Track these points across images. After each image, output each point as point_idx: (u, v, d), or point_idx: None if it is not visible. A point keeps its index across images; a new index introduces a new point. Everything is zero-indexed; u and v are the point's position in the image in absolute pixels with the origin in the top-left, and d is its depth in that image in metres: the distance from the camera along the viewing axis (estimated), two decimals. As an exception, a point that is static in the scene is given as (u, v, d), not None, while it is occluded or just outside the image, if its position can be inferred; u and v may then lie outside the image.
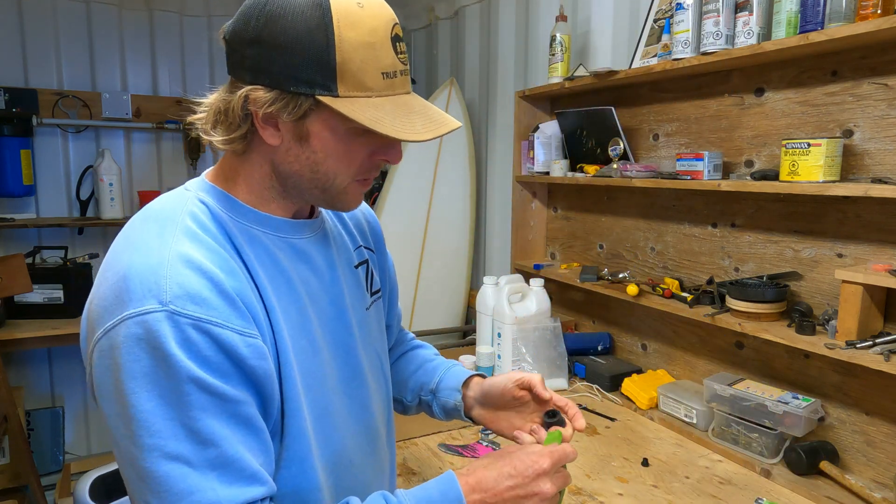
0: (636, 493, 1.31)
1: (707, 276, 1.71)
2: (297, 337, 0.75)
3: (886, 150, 1.29)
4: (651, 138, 1.88)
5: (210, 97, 0.75)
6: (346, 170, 0.74)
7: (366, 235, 0.98)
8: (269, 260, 0.75)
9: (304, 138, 0.72)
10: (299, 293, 0.77)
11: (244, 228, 0.74)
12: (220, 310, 0.64)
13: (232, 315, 0.65)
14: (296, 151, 0.73)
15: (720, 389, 1.49)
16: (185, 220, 0.70)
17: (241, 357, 0.65)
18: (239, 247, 0.73)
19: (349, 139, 0.72)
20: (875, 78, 1.30)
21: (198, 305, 0.63)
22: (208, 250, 0.68)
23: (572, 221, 2.26)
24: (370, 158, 0.75)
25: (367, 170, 0.76)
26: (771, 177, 1.41)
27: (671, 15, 1.62)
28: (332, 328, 0.82)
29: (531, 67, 2.47)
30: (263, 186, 0.76)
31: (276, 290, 0.74)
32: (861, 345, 1.21)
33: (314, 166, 0.73)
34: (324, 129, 0.71)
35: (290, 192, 0.77)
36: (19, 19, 2.77)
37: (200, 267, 0.65)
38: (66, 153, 2.95)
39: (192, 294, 0.63)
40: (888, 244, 1.30)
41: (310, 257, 0.80)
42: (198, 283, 0.64)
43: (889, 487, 1.27)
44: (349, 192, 0.77)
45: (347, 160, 0.73)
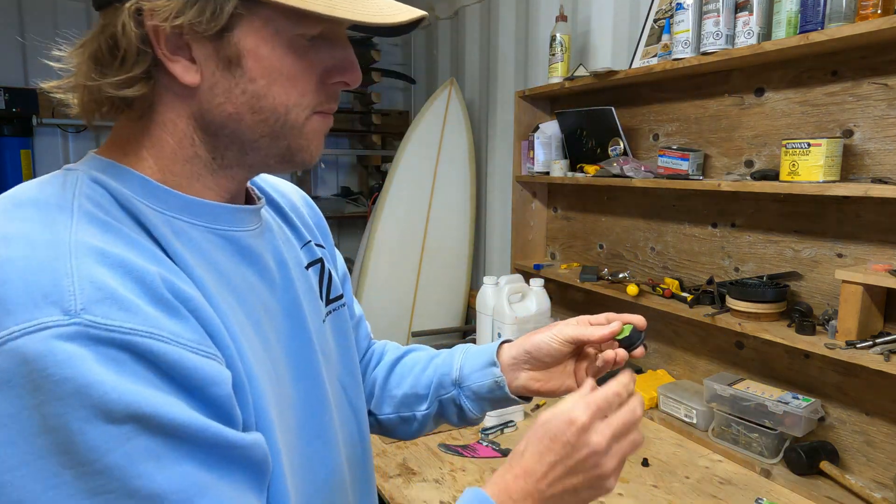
0: (636, 493, 1.31)
1: (707, 276, 1.71)
2: (261, 366, 0.54)
3: (886, 150, 1.29)
4: (651, 138, 1.88)
5: (71, 49, 0.53)
6: (299, 97, 0.54)
7: (311, 228, 0.76)
8: (205, 262, 0.53)
9: (233, 63, 0.51)
10: (251, 304, 0.56)
11: (165, 219, 0.52)
12: (157, 319, 0.44)
13: (178, 326, 0.45)
14: (225, 85, 0.52)
15: (720, 389, 1.49)
16: (81, 201, 0.48)
17: (199, 384, 0.45)
18: (164, 243, 0.50)
19: (296, 53, 0.53)
20: (875, 78, 1.30)
21: (125, 312, 0.42)
22: (127, 242, 0.47)
23: (572, 221, 2.26)
24: (324, 82, 0.56)
25: (324, 98, 0.56)
26: (771, 177, 1.41)
27: (671, 15, 1.62)
28: (292, 348, 0.61)
29: (531, 67, 2.47)
30: (183, 156, 0.54)
31: (226, 302, 0.53)
32: (861, 345, 1.21)
33: (255, 101, 0.52)
34: (260, 43, 0.51)
35: (225, 158, 0.56)
36: (19, 19, 2.77)
37: (123, 263, 0.45)
38: (66, 153, 2.95)
39: (114, 297, 0.42)
40: (888, 244, 1.30)
41: (256, 256, 0.59)
42: (119, 283, 0.43)
43: (889, 487, 1.27)
44: (309, 132, 0.56)
45: (298, 83, 0.54)
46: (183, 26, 0.48)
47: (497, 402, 0.78)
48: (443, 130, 2.66)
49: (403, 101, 3.68)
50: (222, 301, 0.52)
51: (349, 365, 0.74)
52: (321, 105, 0.56)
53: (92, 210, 0.48)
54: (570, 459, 0.57)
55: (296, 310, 0.63)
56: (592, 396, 0.59)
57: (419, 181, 2.65)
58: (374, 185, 3.53)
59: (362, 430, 0.75)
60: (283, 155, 0.57)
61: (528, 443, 0.60)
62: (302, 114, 0.55)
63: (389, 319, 2.61)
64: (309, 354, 0.64)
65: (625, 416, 0.59)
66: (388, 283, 2.60)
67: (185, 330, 0.45)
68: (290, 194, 0.77)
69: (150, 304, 0.44)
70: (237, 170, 0.57)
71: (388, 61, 3.49)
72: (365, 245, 2.62)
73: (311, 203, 0.81)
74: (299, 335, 0.63)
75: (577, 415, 0.57)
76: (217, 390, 0.46)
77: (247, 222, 0.59)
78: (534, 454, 0.59)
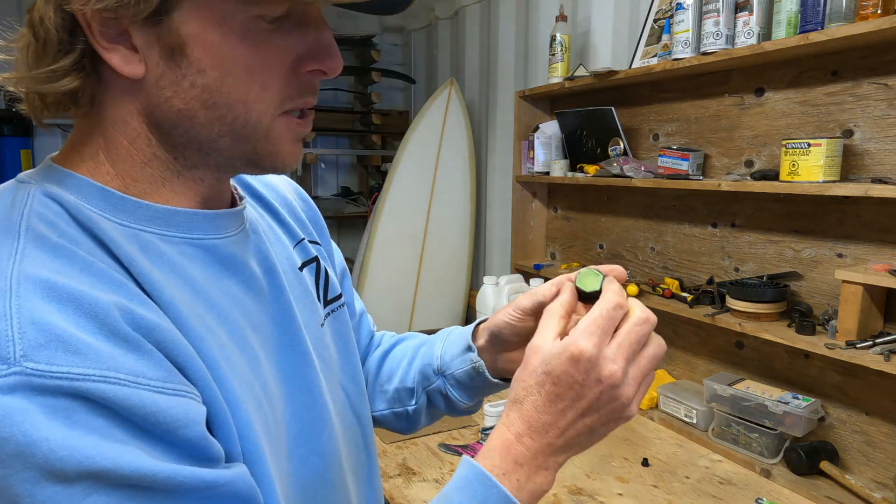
0: (636, 493, 1.31)
1: (707, 276, 1.71)
2: (248, 390, 0.49)
3: (886, 150, 1.29)
4: (651, 138, 1.88)
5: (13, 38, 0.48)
6: (259, 91, 0.46)
7: (305, 224, 0.70)
8: (178, 278, 0.47)
9: (176, 52, 0.44)
10: (234, 320, 0.51)
11: (131, 233, 0.46)
12: (113, 358, 0.38)
13: (138, 364, 0.39)
14: (171, 78, 0.45)
15: (720, 389, 1.49)
16: (31, 221, 0.42)
17: (167, 427, 0.40)
18: (127, 262, 0.44)
19: (253, 39, 0.44)
20: (875, 78, 1.30)
21: (74, 355, 0.37)
22: (81, 268, 0.41)
23: (572, 221, 2.26)
24: (296, 72, 0.47)
25: (296, 91, 0.48)
26: (771, 177, 1.41)
27: (671, 15, 1.62)
28: (284, 362, 0.56)
29: (531, 67, 2.47)
30: (141, 158, 0.48)
31: (202, 322, 0.47)
32: (861, 345, 1.21)
33: (207, 96, 0.45)
34: (207, 29, 0.43)
35: (188, 159, 0.49)
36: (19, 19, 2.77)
37: (72, 296, 0.39)
38: (66, 153, 2.96)
39: (61, 338, 0.37)
40: (888, 244, 1.30)
41: (238, 265, 0.53)
42: (67, 321, 0.38)
43: (889, 487, 1.27)
44: (278, 135, 0.48)
45: (259, 74, 0.45)
46: (110, 10, 0.41)
47: (482, 388, 0.69)
48: (443, 130, 2.66)
49: (403, 101, 3.68)
50: (198, 323, 0.46)
51: (351, 369, 0.68)
52: (292, 101, 0.48)
53: (43, 232, 0.42)
54: (582, 401, 0.48)
55: (287, 319, 0.57)
56: (591, 319, 0.49)
57: (419, 181, 2.65)
58: (374, 185, 3.53)
59: (367, 436, 0.70)
60: (250, 159, 0.49)
61: (527, 391, 0.50)
62: (267, 112, 0.47)
63: (389, 319, 2.61)
64: (304, 367, 0.58)
65: (635, 329, 0.50)
66: (388, 284, 2.60)
67: (148, 367, 0.40)
68: (280, 187, 0.71)
69: (106, 341, 0.39)
70: (204, 171, 0.50)
71: (388, 61, 3.49)
72: (365, 245, 2.62)
73: (304, 196, 0.74)
74: (293, 347, 0.57)
75: (580, 348, 0.47)
76: (188, 432, 0.41)
77: (225, 228, 0.53)
78: (536, 405, 0.49)
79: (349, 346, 0.69)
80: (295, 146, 0.50)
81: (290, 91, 0.48)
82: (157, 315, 0.43)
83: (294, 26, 0.46)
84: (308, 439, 0.57)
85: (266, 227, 0.62)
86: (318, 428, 0.58)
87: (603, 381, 0.48)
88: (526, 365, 0.51)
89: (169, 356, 0.42)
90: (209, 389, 0.45)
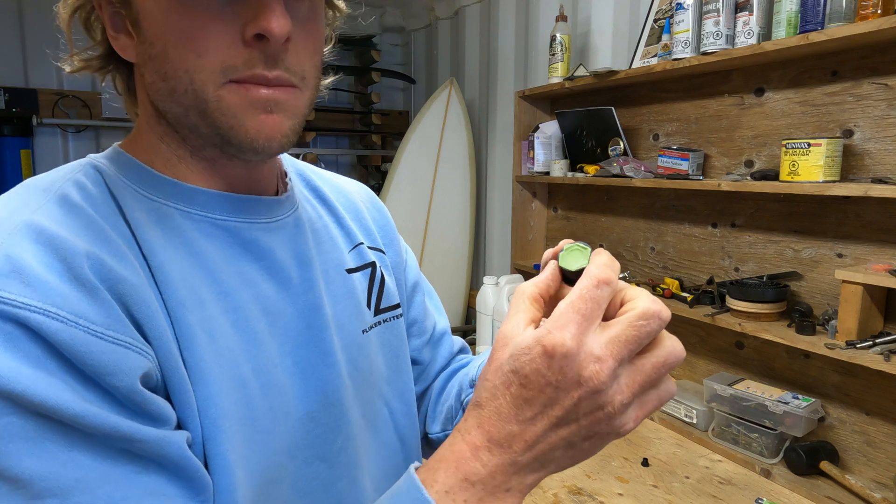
0: (636, 493, 1.31)
1: (707, 276, 1.71)
2: (229, 368, 0.49)
3: (886, 150, 1.29)
4: (651, 138, 1.88)
5: None
6: (196, 58, 0.45)
7: (370, 230, 0.69)
8: (186, 249, 0.50)
9: (137, 27, 0.48)
10: (239, 299, 0.51)
11: (154, 205, 0.50)
12: (63, 297, 0.40)
13: (86, 307, 0.41)
14: (143, 55, 0.48)
15: (720, 389, 1.49)
16: (65, 188, 0.48)
17: (96, 370, 0.40)
18: (134, 226, 0.48)
19: (184, 3, 0.45)
20: (875, 78, 1.30)
21: (25, 286, 0.39)
22: (83, 224, 0.45)
23: (572, 221, 2.26)
24: (242, 38, 0.46)
25: (239, 59, 0.46)
26: (771, 177, 1.41)
27: (671, 15, 1.62)
28: (303, 357, 0.55)
29: (531, 67, 2.47)
30: (157, 138, 0.52)
31: (194, 293, 0.48)
32: (861, 345, 1.21)
33: (159, 67, 0.47)
34: (151, 0, 0.46)
35: (187, 139, 0.51)
36: (19, 19, 2.77)
37: (53, 241, 0.42)
38: (66, 153, 2.95)
39: (21, 271, 0.40)
40: (888, 244, 1.30)
41: (263, 251, 0.54)
42: (37, 259, 0.41)
43: (889, 487, 1.27)
44: (230, 104, 0.47)
45: (194, 40, 0.45)
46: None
47: None
48: (443, 130, 2.66)
49: (403, 101, 3.68)
50: (186, 290, 0.47)
51: (400, 387, 0.64)
52: (237, 70, 0.46)
53: (69, 194, 0.47)
54: (555, 407, 0.38)
55: (314, 314, 0.56)
56: (569, 303, 0.38)
57: (419, 181, 2.65)
58: (374, 185, 3.53)
59: (412, 459, 0.64)
60: (221, 136, 0.48)
61: (491, 393, 0.39)
62: (209, 80, 0.46)
63: (389, 319, 2.61)
64: (324, 368, 0.56)
65: (637, 325, 0.38)
66: (388, 283, 2.60)
67: (94, 311, 0.41)
68: (351, 192, 0.72)
69: (65, 282, 0.41)
70: (208, 150, 0.52)
71: (388, 61, 3.49)
72: (365, 245, 2.61)
73: (378, 205, 0.74)
74: (315, 344, 0.56)
75: (555, 340, 0.37)
76: (115, 380, 0.41)
77: (253, 213, 0.54)
78: (500, 410, 0.39)
79: (400, 361, 0.65)
80: (256, 119, 0.47)
81: (234, 59, 0.46)
82: (132, 272, 0.45)
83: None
84: (317, 443, 0.55)
85: (321, 226, 0.63)
86: (331, 434, 0.56)
87: (583, 384, 0.37)
88: (492, 359, 0.40)
89: (129, 309, 0.44)
90: (168, 352, 0.45)
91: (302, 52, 0.49)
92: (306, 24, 0.49)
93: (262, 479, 0.50)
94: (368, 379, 0.61)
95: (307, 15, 0.50)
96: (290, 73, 0.48)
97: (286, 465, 0.52)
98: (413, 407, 0.67)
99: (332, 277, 0.60)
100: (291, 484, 0.53)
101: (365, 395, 0.60)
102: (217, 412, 0.47)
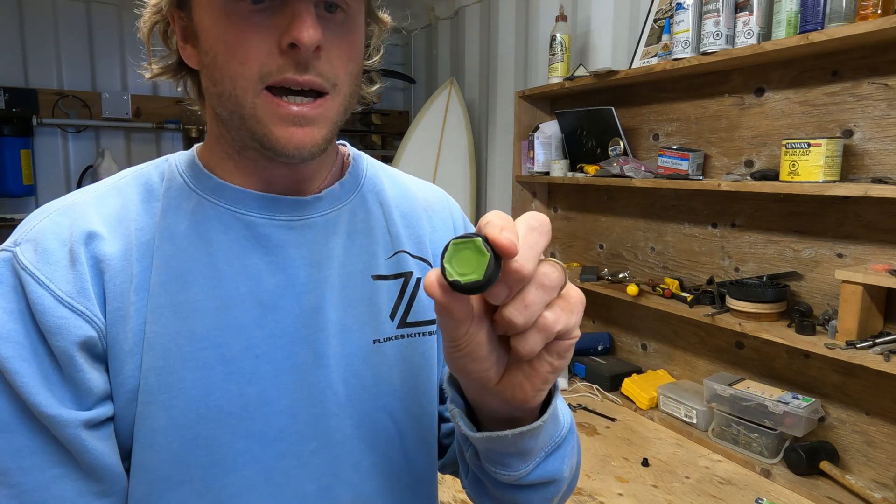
0: (636, 493, 1.31)
1: (707, 276, 1.71)
2: (190, 349, 0.52)
3: (886, 150, 1.29)
4: (651, 138, 1.88)
5: None
6: (239, 66, 0.50)
7: (421, 239, 0.66)
8: (199, 237, 0.55)
9: (197, 39, 0.54)
10: (233, 287, 0.55)
11: (193, 196, 0.57)
12: (54, 266, 0.50)
13: (62, 274, 0.50)
14: (201, 62, 0.55)
15: (720, 389, 1.49)
16: (131, 176, 0.59)
17: (45, 328, 0.49)
18: (163, 212, 0.56)
19: (233, 17, 0.50)
20: (875, 78, 1.30)
21: (36, 255, 0.50)
22: (113, 208, 0.55)
23: (572, 221, 2.26)
24: (278, 47, 0.50)
25: (274, 65, 0.50)
26: (771, 177, 1.41)
27: (671, 15, 1.62)
28: (294, 354, 0.56)
29: (531, 67, 2.47)
30: (212, 137, 0.59)
31: (182, 276, 0.54)
32: (861, 345, 1.21)
33: (210, 73, 0.53)
34: (205, 15, 0.52)
35: (235, 141, 0.56)
36: (19, 19, 2.77)
37: (78, 217, 0.53)
38: (66, 153, 2.95)
39: (40, 242, 0.51)
40: (888, 244, 1.30)
41: (275, 247, 0.56)
42: (55, 233, 0.52)
43: (889, 487, 1.27)
44: (262, 115, 0.51)
45: (238, 50, 0.50)
46: (172, 12, 0.55)
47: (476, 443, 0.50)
48: (443, 130, 2.66)
49: (403, 100, 3.68)
50: (176, 274, 0.53)
51: (415, 407, 0.62)
52: (271, 76, 0.50)
53: (127, 184, 0.57)
54: None
55: (315, 314, 0.57)
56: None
57: (419, 181, 2.65)
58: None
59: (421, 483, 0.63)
60: (257, 140, 0.53)
61: None
62: (248, 87, 0.50)
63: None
64: (314, 367, 0.57)
65: None
66: (388, 283, 2.60)
67: (67, 281, 0.50)
68: (418, 199, 0.69)
69: (60, 251, 0.51)
70: (250, 152, 0.56)
71: (388, 61, 3.49)
72: (365, 245, 2.61)
73: (446, 217, 0.70)
74: (309, 343, 0.57)
75: None
76: (57, 342, 0.49)
77: (278, 212, 0.57)
78: None
79: (420, 381, 0.62)
80: (286, 130, 0.51)
81: (269, 66, 0.50)
82: (123, 253, 0.53)
83: (279, 3, 0.50)
84: (292, 438, 0.56)
85: (364, 228, 0.62)
86: (308, 434, 0.56)
87: None
88: None
89: (102, 284, 0.52)
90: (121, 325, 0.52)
91: (335, 60, 0.53)
92: (341, 35, 0.53)
93: (217, 455, 0.53)
94: (372, 390, 0.59)
95: (342, 27, 0.53)
96: (323, 78, 0.52)
97: (254, 451, 0.55)
98: (429, 432, 0.64)
99: (352, 282, 0.60)
100: (260, 471, 0.55)
101: (363, 405, 0.59)
102: (156, 383, 0.52)
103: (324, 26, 0.51)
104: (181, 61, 0.58)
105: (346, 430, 0.58)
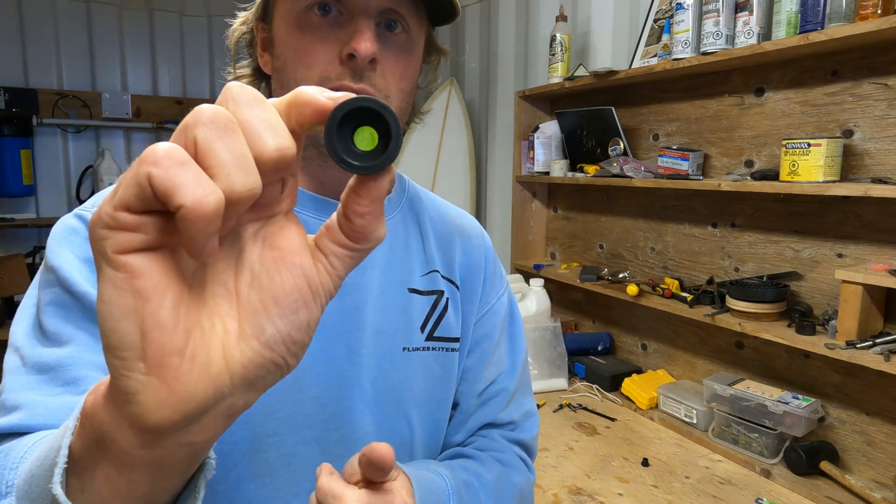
0: (636, 493, 1.31)
1: (707, 276, 1.71)
2: None
3: (886, 150, 1.29)
4: (651, 138, 1.88)
5: None
6: (305, 70, 0.56)
7: (451, 262, 0.71)
8: None
9: (272, 46, 0.60)
10: None
11: None
12: None
13: None
14: (273, 68, 0.61)
15: (720, 389, 1.49)
16: None
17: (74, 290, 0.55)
18: None
19: (304, 27, 0.56)
20: (875, 78, 1.30)
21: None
22: None
23: (572, 221, 2.26)
24: (331, 57, 0.56)
25: (333, 72, 0.56)
26: (771, 177, 1.41)
27: (671, 15, 1.62)
28: (328, 347, 0.61)
29: (531, 67, 2.47)
30: None
31: None
32: (861, 345, 1.21)
33: (280, 76, 0.59)
34: (281, 24, 0.58)
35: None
36: (19, 19, 2.77)
37: None
38: (66, 153, 2.95)
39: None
40: (888, 244, 1.30)
41: None
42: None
43: (889, 487, 1.27)
44: None
45: (305, 55, 0.56)
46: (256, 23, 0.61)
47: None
48: (443, 130, 2.66)
49: (403, 101, 3.68)
50: None
51: (429, 417, 0.66)
52: (331, 81, 0.56)
53: None
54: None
55: (354, 314, 0.62)
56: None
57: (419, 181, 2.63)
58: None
59: None
60: (313, 142, 0.59)
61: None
62: None
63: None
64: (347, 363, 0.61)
65: None
66: (388, 283, 2.60)
67: None
68: (453, 225, 0.73)
69: None
70: (308, 151, 0.61)
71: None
72: (365, 245, 2.61)
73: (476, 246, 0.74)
74: (346, 339, 0.61)
75: None
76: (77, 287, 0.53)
77: (327, 213, 0.61)
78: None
79: (438, 392, 0.67)
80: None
81: (329, 73, 0.56)
82: None
83: (346, 18, 0.56)
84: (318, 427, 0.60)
85: (402, 244, 0.68)
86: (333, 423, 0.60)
87: None
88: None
89: None
90: None
91: (389, 74, 0.58)
92: (398, 53, 0.58)
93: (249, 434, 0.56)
94: (395, 393, 0.64)
95: (401, 46, 0.59)
96: (376, 89, 0.57)
97: (281, 434, 0.58)
98: (436, 442, 0.68)
99: (390, 290, 0.65)
100: (282, 455, 0.58)
101: (386, 407, 0.63)
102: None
103: (383, 43, 0.56)
104: (258, 67, 0.63)
105: (367, 427, 0.62)
